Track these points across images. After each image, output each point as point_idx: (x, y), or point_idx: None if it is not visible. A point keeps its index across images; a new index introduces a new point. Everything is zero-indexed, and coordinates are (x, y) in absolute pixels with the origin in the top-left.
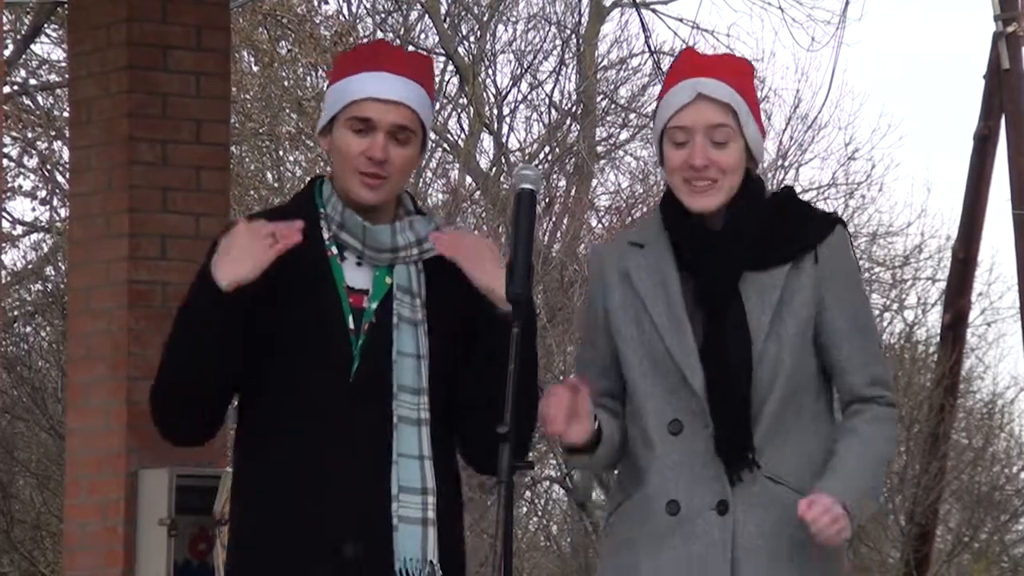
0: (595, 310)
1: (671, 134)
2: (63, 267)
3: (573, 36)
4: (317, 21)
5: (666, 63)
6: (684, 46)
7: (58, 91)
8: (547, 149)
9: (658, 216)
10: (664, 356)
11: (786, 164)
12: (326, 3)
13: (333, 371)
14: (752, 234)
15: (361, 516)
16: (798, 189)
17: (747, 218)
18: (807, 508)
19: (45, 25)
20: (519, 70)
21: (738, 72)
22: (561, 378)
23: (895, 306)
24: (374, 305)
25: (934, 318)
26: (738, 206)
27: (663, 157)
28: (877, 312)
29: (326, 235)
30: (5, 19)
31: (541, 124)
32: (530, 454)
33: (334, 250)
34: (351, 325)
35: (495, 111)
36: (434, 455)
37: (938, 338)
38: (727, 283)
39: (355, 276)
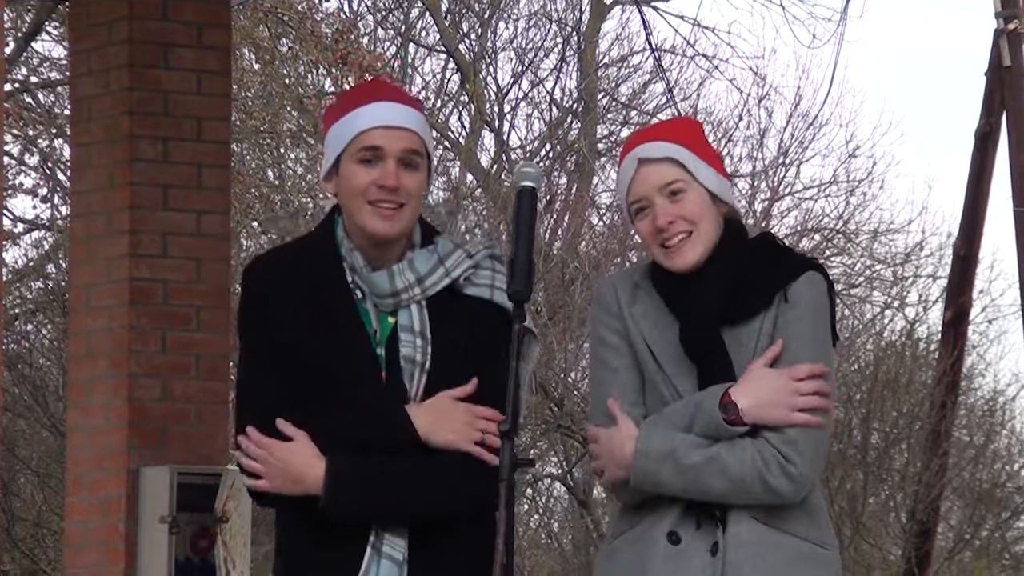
0: (619, 341)
1: (632, 210)
2: (64, 265)
3: (574, 34)
4: (318, 18)
5: (667, 60)
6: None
7: (59, 89)
8: (548, 146)
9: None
10: (674, 398)
11: (787, 161)
12: (327, 0)
13: (378, 420)
14: (726, 284)
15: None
16: (799, 187)
17: (721, 267)
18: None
19: (46, 23)
20: (520, 67)
21: (678, 129)
22: (562, 375)
23: (896, 303)
24: (380, 351)
25: (935, 315)
26: (715, 255)
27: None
28: (879, 309)
29: (349, 278)
30: (6, 17)
31: (542, 121)
32: (531, 452)
33: (359, 294)
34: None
35: (496, 108)
36: None
37: (939, 335)
38: (706, 333)
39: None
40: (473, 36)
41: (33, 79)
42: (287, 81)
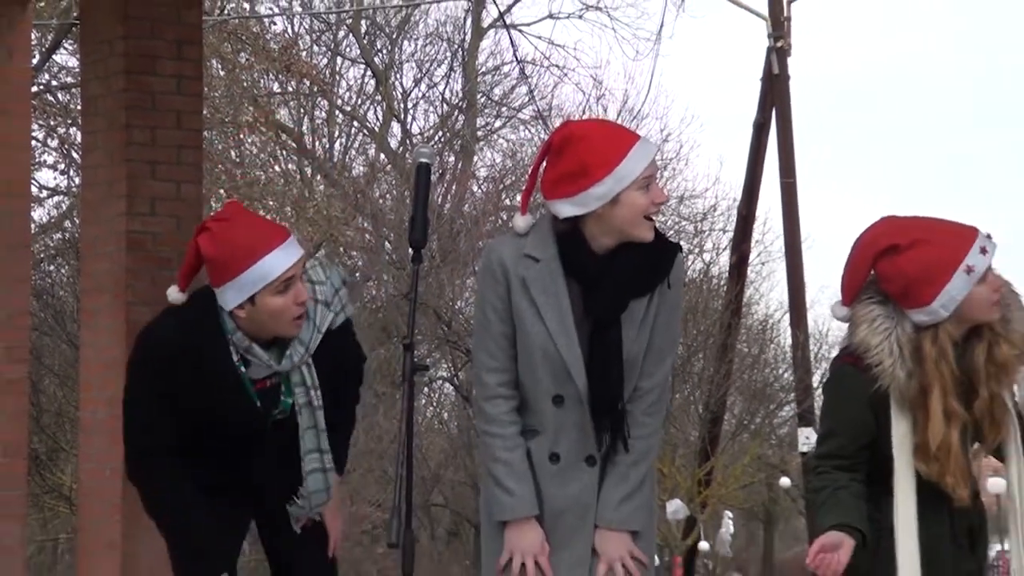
0: (501, 299)
1: (641, 182)
2: (77, 221)
3: (460, 49)
4: (268, 37)
5: (529, 69)
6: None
7: (73, 90)
8: (440, 134)
9: (551, 238)
10: (554, 354)
11: None
12: (274, 24)
13: (252, 433)
14: (636, 265)
15: (281, 485)
16: None
17: (630, 251)
18: None
19: (63, 40)
20: (419, 74)
21: None
22: (451, 303)
23: (696, 250)
24: (289, 399)
25: (724, 259)
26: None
27: (618, 203)
28: (684, 255)
29: (235, 357)
30: (33, 36)
31: (436, 115)
32: (427, 360)
33: (243, 369)
34: (259, 405)
35: (402, 105)
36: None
37: (727, 274)
38: (619, 309)
39: (258, 371)
40: (385, 51)
41: (54, 83)
42: (245, 84)
